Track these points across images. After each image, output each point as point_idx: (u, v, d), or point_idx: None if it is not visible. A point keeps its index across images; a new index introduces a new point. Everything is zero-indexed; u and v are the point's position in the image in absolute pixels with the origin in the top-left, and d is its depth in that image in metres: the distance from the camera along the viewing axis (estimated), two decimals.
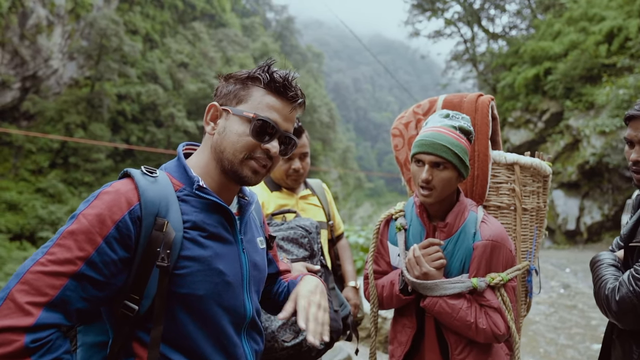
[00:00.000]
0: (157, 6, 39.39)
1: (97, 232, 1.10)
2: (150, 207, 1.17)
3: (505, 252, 1.80)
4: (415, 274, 1.79)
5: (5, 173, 27.51)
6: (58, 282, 1.05)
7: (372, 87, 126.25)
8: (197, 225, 1.24)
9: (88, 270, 1.08)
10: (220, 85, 1.37)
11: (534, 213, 2.06)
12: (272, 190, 2.52)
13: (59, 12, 29.82)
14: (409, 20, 30.87)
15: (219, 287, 1.25)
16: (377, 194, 79.21)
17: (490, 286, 1.77)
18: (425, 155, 1.77)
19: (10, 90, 27.28)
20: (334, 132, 54.36)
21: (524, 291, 2.09)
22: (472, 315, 1.72)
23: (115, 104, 32.74)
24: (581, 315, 6.50)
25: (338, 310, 2.27)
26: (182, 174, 1.30)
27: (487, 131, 1.97)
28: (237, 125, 1.28)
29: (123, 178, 1.25)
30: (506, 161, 1.99)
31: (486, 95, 2.04)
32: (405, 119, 2.20)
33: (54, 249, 1.08)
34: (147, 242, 1.16)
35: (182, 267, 1.19)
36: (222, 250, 1.27)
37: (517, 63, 21.97)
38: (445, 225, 1.82)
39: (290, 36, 64.58)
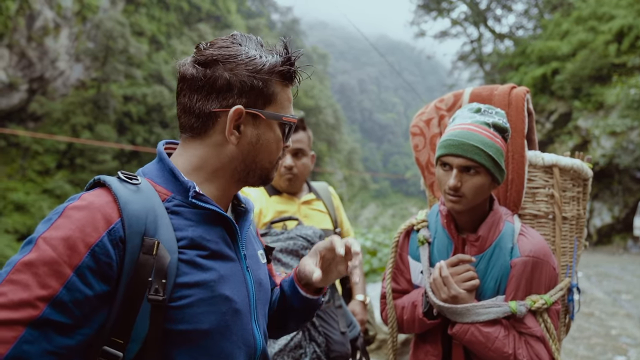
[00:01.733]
0: (162, 8, 39.31)
1: (64, 261, 0.82)
2: (136, 224, 0.90)
3: (548, 270, 1.53)
4: (442, 297, 1.53)
5: (12, 174, 27.52)
6: (10, 334, 0.77)
7: (378, 88, 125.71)
8: (195, 243, 0.98)
9: (53, 314, 0.80)
10: (220, 73, 1.03)
11: (574, 222, 1.79)
12: (270, 194, 2.24)
13: (66, 14, 29.80)
14: (414, 21, 30.71)
15: (226, 318, 0.99)
16: (382, 195, 78.79)
17: (531, 311, 1.50)
18: (453, 157, 1.50)
19: (17, 92, 27.27)
20: (339, 134, 54.08)
21: (564, 311, 1.81)
22: (510, 346, 1.46)
23: (121, 106, 32.67)
24: (599, 324, 6.22)
25: (345, 332, 2.02)
26: (169, 180, 1.03)
27: (522, 128, 1.70)
28: (272, 132, 1.08)
29: (95, 188, 0.97)
30: (544, 163, 1.72)
31: (521, 87, 1.78)
32: (427, 116, 1.94)
33: (3, 288, 0.79)
34: (134, 269, 0.89)
35: (180, 298, 0.93)
36: (227, 271, 1.02)
37: (524, 63, 21.71)
38: (477, 238, 1.55)
39: (295, 37, 64.36)
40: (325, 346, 1.92)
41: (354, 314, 2.30)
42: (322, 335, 1.93)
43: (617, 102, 15.46)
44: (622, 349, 5.14)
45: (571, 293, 1.78)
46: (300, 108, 42.95)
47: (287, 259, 1.91)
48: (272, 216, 2.14)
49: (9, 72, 26.31)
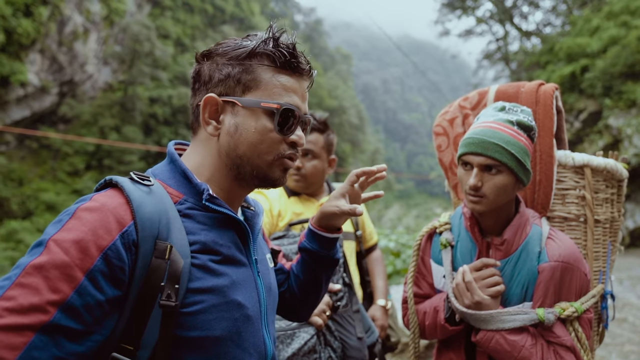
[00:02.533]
0: (187, 11, 39.87)
1: (76, 265, 0.79)
2: (149, 228, 0.87)
3: (579, 276, 1.45)
4: (465, 303, 1.46)
5: (44, 175, 28.32)
6: (19, 340, 0.74)
7: (401, 88, 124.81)
8: (208, 248, 0.96)
9: (64, 319, 0.78)
10: (204, 67, 1.04)
11: (608, 225, 1.69)
12: (289, 195, 2.19)
13: (95, 19, 30.52)
14: (438, 20, 30.32)
15: (238, 324, 0.97)
16: (406, 195, 78.16)
17: (561, 319, 1.42)
18: (473, 156, 1.44)
19: (49, 95, 28.04)
20: (363, 134, 53.84)
21: (597, 320, 1.72)
22: (537, 356, 1.38)
23: (147, 107, 33.24)
24: (633, 330, 5.99)
25: (363, 337, 1.95)
26: (182, 182, 1.01)
27: (551, 127, 1.62)
28: (253, 120, 1.00)
29: (106, 188, 0.95)
30: (574, 163, 1.63)
31: (549, 84, 1.69)
32: (450, 115, 1.87)
33: (13, 292, 0.76)
34: (146, 274, 0.86)
35: (192, 304, 0.90)
36: (239, 277, 1.00)
37: (551, 61, 21.21)
38: (503, 242, 1.48)
39: (318, 38, 64.37)
40: (342, 351, 1.87)
41: (374, 319, 2.25)
42: (338, 340, 1.88)
43: None
44: None
45: (605, 300, 1.69)
46: (324, 108, 42.93)
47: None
48: (290, 218, 2.10)
49: (41, 76, 27.07)
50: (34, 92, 26.71)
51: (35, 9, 24.88)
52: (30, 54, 26.12)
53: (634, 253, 15.24)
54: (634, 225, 16.51)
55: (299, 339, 1.79)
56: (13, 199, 25.16)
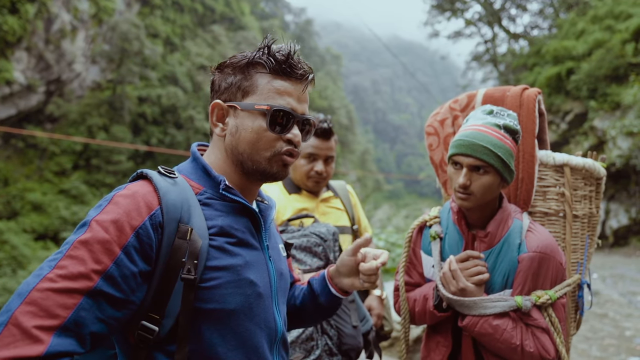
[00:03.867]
0: (177, 10, 39.70)
1: (114, 240, 0.94)
2: (173, 212, 1.02)
3: (554, 265, 1.59)
4: (451, 290, 1.60)
5: (30, 174, 27.99)
6: (71, 301, 0.88)
7: (391, 89, 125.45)
8: (224, 231, 1.10)
9: (105, 286, 0.92)
10: (216, 78, 1.21)
11: (586, 220, 1.83)
12: (290, 192, 2.33)
13: (83, 17, 30.28)
14: (428, 21, 30.59)
15: (250, 300, 1.10)
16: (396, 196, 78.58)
17: (537, 305, 1.56)
18: (463, 157, 1.57)
19: (35, 93, 27.74)
20: (353, 134, 54.07)
21: (574, 307, 1.86)
22: (517, 337, 1.52)
23: (136, 107, 33.06)
24: (614, 325, 6.18)
25: (357, 325, 2.08)
26: (202, 176, 1.16)
27: (533, 129, 1.76)
28: (250, 121, 1.14)
29: (138, 180, 1.10)
30: (555, 162, 1.78)
31: (533, 88, 1.83)
32: (441, 116, 2.00)
33: (65, 262, 0.91)
34: (170, 252, 1.01)
35: (210, 279, 1.04)
36: (252, 258, 1.14)
37: (538, 63, 21.53)
38: (486, 234, 1.62)
39: (309, 38, 64.49)
40: (337, 339, 1.99)
41: (371, 308, 2.37)
42: (334, 329, 2.00)
43: (635, 102, 15.27)
44: (636, 350, 5.11)
45: (581, 289, 1.83)
46: (314, 109, 43.05)
47: (301, 255, 1.99)
48: (291, 213, 2.22)
49: (27, 74, 26.80)
50: (20, 91, 26.42)
51: (21, 6, 24.61)
52: (17, 51, 25.83)
53: (617, 252, 15.54)
54: (617, 224, 16.82)
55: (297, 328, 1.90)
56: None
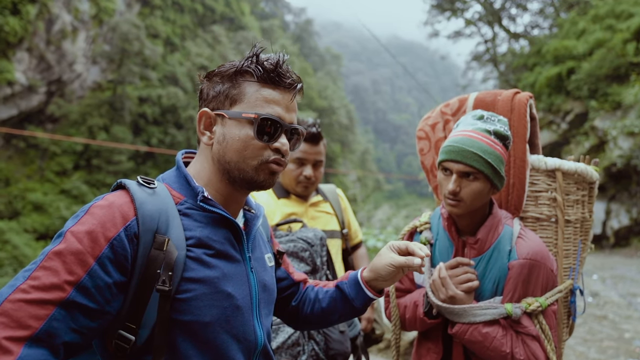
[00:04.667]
0: (177, 10, 39.71)
1: (88, 252, 0.95)
2: (149, 223, 1.02)
3: (545, 272, 1.58)
4: (440, 297, 1.59)
5: (31, 175, 28.03)
6: (43, 312, 0.89)
7: (391, 89, 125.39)
8: (202, 242, 1.09)
9: (78, 297, 0.93)
10: (204, 87, 1.20)
11: (578, 225, 1.82)
12: (279, 197, 2.33)
13: (83, 17, 30.30)
14: (428, 21, 30.55)
15: (227, 312, 1.09)
16: (396, 196, 78.56)
17: (527, 313, 1.55)
18: (453, 163, 1.55)
19: (36, 94, 27.77)
20: (353, 134, 54.01)
21: (567, 313, 1.84)
22: (507, 345, 1.50)
23: (136, 107, 33.07)
24: (613, 327, 6.16)
25: (345, 331, 2.07)
26: (183, 185, 1.15)
27: (524, 133, 1.74)
28: (237, 129, 1.12)
29: (117, 190, 1.09)
30: (546, 167, 1.76)
31: (524, 93, 1.81)
32: (432, 120, 1.99)
33: (38, 273, 0.92)
34: (146, 262, 1.01)
35: (186, 291, 1.03)
36: (230, 270, 1.12)
37: (539, 63, 21.48)
38: (476, 241, 1.60)
39: (309, 38, 64.47)
40: (324, 344, 1.98)
41: None
42: (321, 334, 1.99)
43: (635, 102, 15.24)
44: (635, 353, 5.09)
45: (574, 295, 1.81)
46: (314, 109, 43.02)
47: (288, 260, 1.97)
48: (279, 218, 2.21)
49: (29, 74, 26.82)
50: (21, 91, 26.44)
51: (22, 7, 24.64)
52: (18, 52, 25.86)
53: (618, 253, 15.50)
54: (618, 225, 16.78)
55: (283, 333, 1.90)
56: (0, 198, 24.91)
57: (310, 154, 2.28)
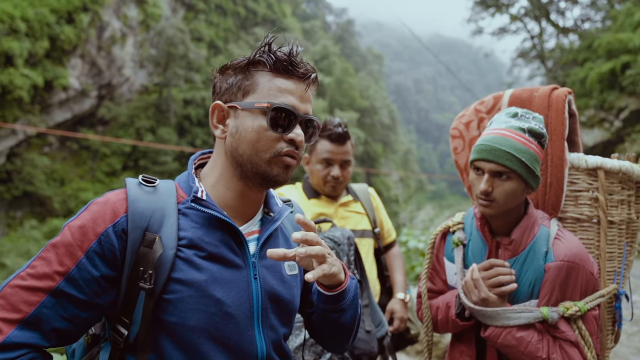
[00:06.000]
0: (220, 14, 40.57)
1: (77, 245, 0.99)
2: (139, 220, 1.03)
3: (584, 275, 1.50)
4: (473, 299, 1.54)
5: (83, 175, 29.36)
6: (34, 299, 0.96)
7: (434, 88, 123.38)
8: (193, 243, 1.06)
9: (67, 287, 0.98)
10: (217, 81, 1.17)
11: (624, 226, 1.72)
12: (309, 197, 2.34)
13: (131, 23, 31.49)
14: (471, 18, 29.82)
15: (215, 319, 1.04)
16: (439, 196, 77.21)
17: (565, 317, 1.48)
18: (485, 162, 1.50)
19: (88, 98, 29.09)
20: (395, 134, 53.46)
21: (611, 319, 1.75)
22: (544, 350, 1.44)
23: (181, 109, 34.00)
24: None
25: (370, 330, 2.04)
26: (187, 185, 1.15)
27: (562, 131, 1.66)
28: (250, 120, 1.09)
29: (123, 188, 1.12)
30: (587, 165, 1.67)
31: (562, 88, 1.73)
32: (466, 118, 1.93)
33: (36, 262, 0.99)
34: (134, 259, 1.02)
35: (172, 292, 1.02)
36: (224, 275, 1.07)
37: (590, 58, 20.55)
38: (511, 242, 1.55)
39: (350, 38, 64.32)
40: None
41: (394, 312, 2.33)
42: None
43: None
44: None
45: (619, 300, 1.71)
46: (356, 109, 42.88)
47: None
48: (310, 218, 2.21)
49: (81, 80, 28.13)
50: (74, 96, 27.78)
51: (76, 15, 25.92)
52: (72, 59, 27.18)
53: None
54: None
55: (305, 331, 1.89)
56: (55, 198, 26.22)
57: (337, 154, 2.27)
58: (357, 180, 29.08)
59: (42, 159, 26.01)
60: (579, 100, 19.17)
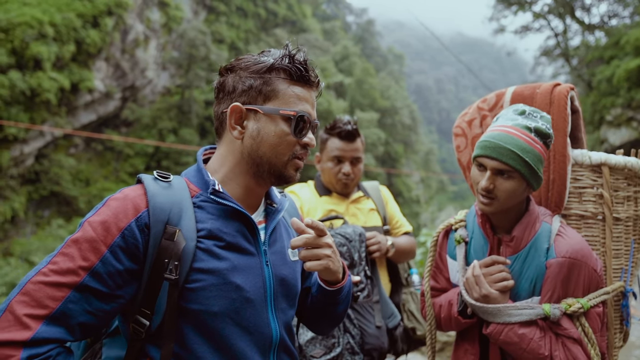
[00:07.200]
0: (241, 16, 40.93)
1: (101, 240, 1.02)
2: (160, 214, 1.08)
3: (587, 272, 1.48)
4: (474, 296, 1.54)
5: (108, 175, 29.98)
6: (59, 294, 0.97)
7: (456, 88, 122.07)
8: (212, 234, 1.13)
9: (92, 282, 1.00)
10: (229, 80, 1.20)
11: (630, 223, 1.69)
12: (321, 194, 2.37)
13: (154, 26, 32.06)
14: (493, 16, 29.37)
15: (236, 304, 1.12)
16: (461, 197, 76.20)
17: (567, 314, 1.46)
18: (487, 159, 1.50)
19: (112, 100, 29.71)
20: (416, 134, 53.05)
21: (619, 317, 1.72)
22: (546, 347, 1.43)
23: (203, 110, 34.40)
24: None
25: (381, 326, 2.06)
26: (200, 179, 1.20)
27: (564, 127, 1.65)
28: (273, 125, 1.17)
29: (137, 184, 1.16)
30: (591, 162, 1.65)
31: (564, 84, 1.71)
32: (469, 116, 1.93)
33: (57, 258, 1.01)
34: (156, 252, 1.06)
35: (195, 281, 1.08)
36: (241, 263, 1.15)
37: (617, 55, 20.02)
38: (512, 239, 1.54)
39: (370, 38, 64.12)
40: (360, 338, 1.99)
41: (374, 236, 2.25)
42: (357, 328, 2.00)
43: None
44: None
45: (626, 298, 1.69)
46: (376, 109, 42.73)
47: None
48: (321, 215, 2.25)
49: (106, 82, 28.74)
50: (99, 98, 28.40)
51: (101, 19, 26.53)
52: (97, 62, 27.81)
53: None
54: None
55: None
56: (80, 197, 26.82)
57: (347, 151, 2.29)
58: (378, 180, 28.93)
59: (68, 160, 26.66)
60: (605, 98, 18.71)
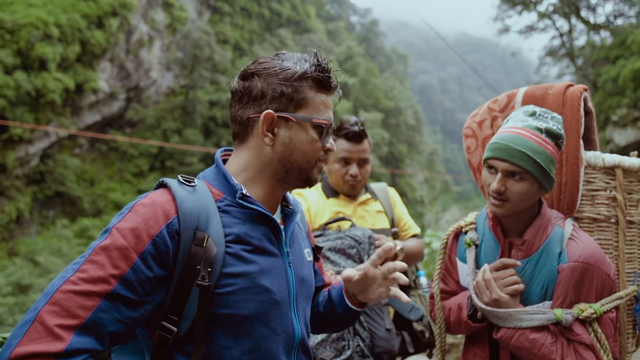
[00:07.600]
0: (245, 16, 40.94)
1: (132, 247, 1.00)
2: (189, 220, 1.06)
3: (600, 276, 1.46)
4: (484, 300, 1.52)
5: (112, 175, 30.09)
6: (90, 303, 0.95)
7: (460, 88, 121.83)
8: (240, 239, 1.12)
9: (122, 290, 0.98)
10: (257, 85, 1.18)
11: None
12: (328, 196, 2.35)
13: (159, 27, 32.13)
14: (497, 16, 29.26)
15: (265, 306, 1.12)
16: (465, 197, 76.05)
17: (579, 319, 1.44)
18: (498, 161, 1.48)
19: (117, 100, 29.81)
20: (420, 135, 52.93)
21: (632, 322, 1.69)
22: (557, 353, 1.41)
23: (207, 110, 34.46)
24: None
25: (391, 328, 2.05)
26: (223, 183, 1.18)
27: (578, 129, 1.62)
28: (305, 133, 1.19)
29: (159, 188, 1.14)
30: (604, 164, 1.63)
31: (577, 85, 1.69)
32: (480, 117, 1.91)
33: (86, 266, 0.97)
34: (186, 258, 1.04)
35: (225, 285, 1.07)
36: (268, 265, 1.15)
37: (623, 55, 19.91)
38: (523, 242, 1.52)
39: (374, 39, 64.03)
40: (370, 341, 1.98)
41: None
42: (367, 331, 1.99)
43: None
44: None
45: (638, 302, 1.66)
46: (380, 110, 42.68)
47: (335, 257, 2.00)
48: (328, 217, 2.24)
49: (110, 83, 28.83)
50: (104, 98, 28.50)
51: (106, 20, 26.62)
52: (101, 62, 27.90)
53: None
54: None
55: None
56: (85, 198, 26.94)
57: (354, 152, 2.28)
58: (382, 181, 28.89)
59: (73, 160, 26.77)
60: (611, 98, 18.61)
